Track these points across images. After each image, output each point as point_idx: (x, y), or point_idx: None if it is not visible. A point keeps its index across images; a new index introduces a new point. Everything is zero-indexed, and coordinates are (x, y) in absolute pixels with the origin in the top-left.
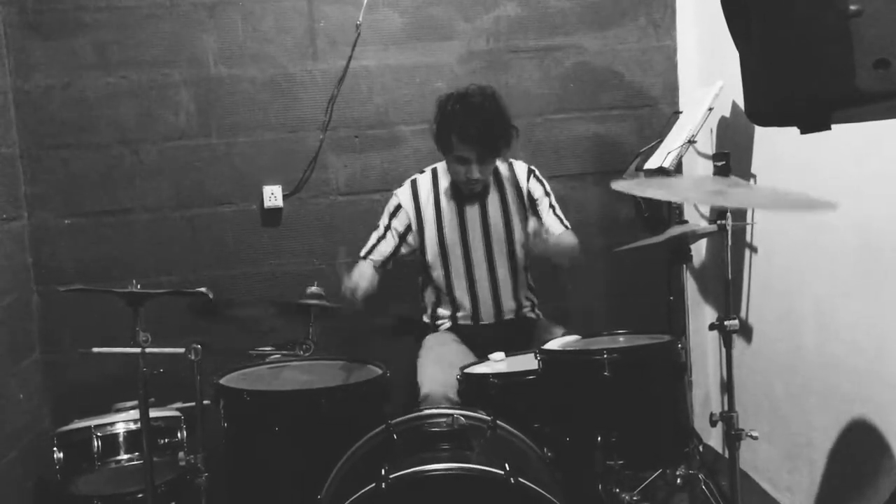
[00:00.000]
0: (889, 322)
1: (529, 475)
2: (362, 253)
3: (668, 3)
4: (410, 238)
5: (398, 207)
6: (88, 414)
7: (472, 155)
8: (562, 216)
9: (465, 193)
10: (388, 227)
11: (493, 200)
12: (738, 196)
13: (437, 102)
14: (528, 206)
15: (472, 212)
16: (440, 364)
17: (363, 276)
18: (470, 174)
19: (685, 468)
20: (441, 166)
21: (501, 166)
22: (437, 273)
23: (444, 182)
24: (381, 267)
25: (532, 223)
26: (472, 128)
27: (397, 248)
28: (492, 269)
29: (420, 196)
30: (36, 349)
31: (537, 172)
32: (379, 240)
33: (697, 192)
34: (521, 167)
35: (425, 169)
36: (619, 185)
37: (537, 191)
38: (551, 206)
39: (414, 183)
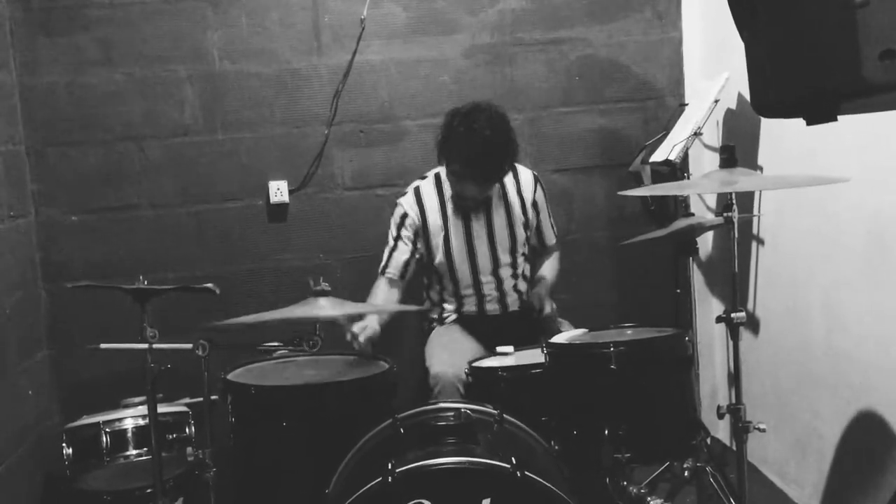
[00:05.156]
0: None
1: (536, 469)
2: (379, 269)
3: None
4: (420, 244)
5: (404, 216)
6: (97, 410)
7: (470, 176)
8: (553, 224)
9: (464, 205)
10: (398, 238)
11: (497, 208)
12: (748, 180)
13: (445, 115)
14: (531, 213)
15: (478, 220)
16: (448, 348)
17: (376, 298)
18: (467, 192)
19: (693, 461)
20: (444, 171)
21: None
22: (444, 277)
23: (448, 189)
24: (401, 278)
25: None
26: (472, 153)
27: (412, 255)
28: (496, 272)
29: (424, 203)
30: (44, 345)
31: (541, 180)
32: (391, 251)
33: (707, 182)
34: (526, 174)
35: (427, 174)
36: (626, 192)
37: (541, 200)
38: (549, 214)
39: (417, 191)
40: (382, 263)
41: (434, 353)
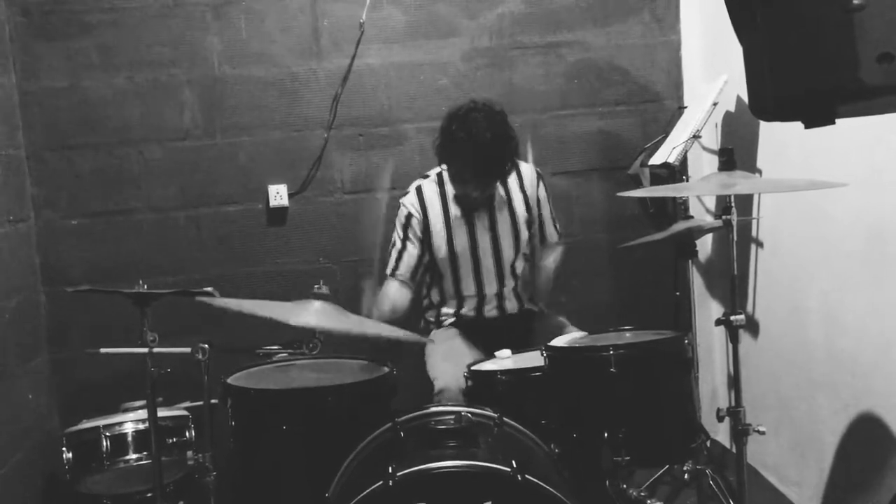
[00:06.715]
0: None
1: (536, 472)
2: (388, 271)
3: None
4: (424, 243)
5: (409, 217)
6: (97, 414)
7: (470, 177)
8: (556, 221)
9: (467, 203)
10: (406, 238)
11: (500, 206)
12: (747, 183)
13: (444, 118)
14: (535, 209)
15: (481, 219)
16: (451, 359)
17: (386, 301)
18: (469, 192)
19: (693, 464)
20: (446, 171)
21: None
22: (446, 276)
23: (450, 189)
24: (412, 279)
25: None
26: (473, 158)
27: (422, 256)
28: (500, 273)
29: (427, 202)
30: (44, 349)
31: (544, 177)
32: (401, 253)
33: (706, 184)
34: (529, 171)
35: (429, 173)
36: (626, 193)
37: (543, 196)
38: (551, 211)
39: (419, 190)
40: (391, 266)
41: (436, 363)
